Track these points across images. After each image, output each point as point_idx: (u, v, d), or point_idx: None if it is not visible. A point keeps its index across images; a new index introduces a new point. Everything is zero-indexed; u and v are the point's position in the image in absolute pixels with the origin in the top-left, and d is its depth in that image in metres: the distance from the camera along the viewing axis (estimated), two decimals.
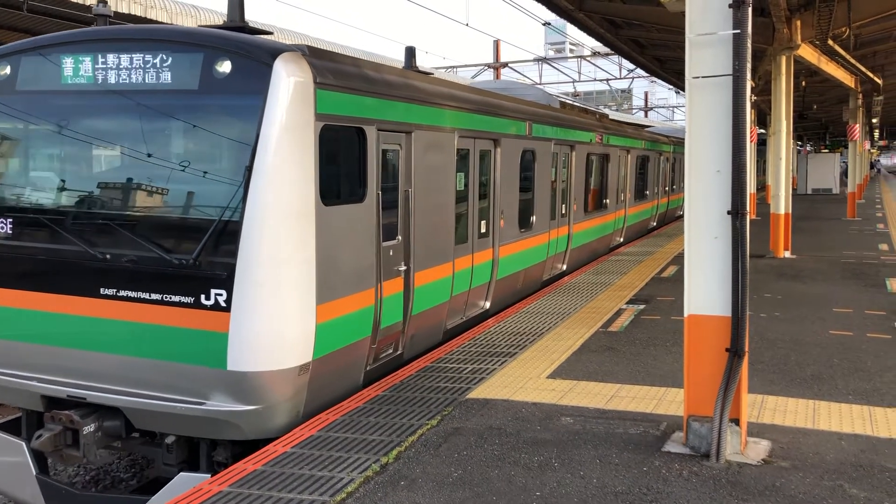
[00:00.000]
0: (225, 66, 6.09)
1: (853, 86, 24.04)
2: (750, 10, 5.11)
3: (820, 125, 42.58)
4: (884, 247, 16.79)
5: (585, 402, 6.48)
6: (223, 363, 5.92)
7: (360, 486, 4.92)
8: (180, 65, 6.20)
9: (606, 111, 32.00)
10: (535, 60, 37.48)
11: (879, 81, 25.00)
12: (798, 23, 14.85)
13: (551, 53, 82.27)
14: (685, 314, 5.45)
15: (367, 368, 7.30)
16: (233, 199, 5.98)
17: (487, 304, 10.46)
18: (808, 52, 16.88)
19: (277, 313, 6.02)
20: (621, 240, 18.42)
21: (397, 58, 20.66)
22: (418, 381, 7.22)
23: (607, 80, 40.88)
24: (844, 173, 41.66)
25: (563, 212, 13.63)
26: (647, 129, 25.95)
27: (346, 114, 6.68)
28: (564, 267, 13.85)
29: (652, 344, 8.45)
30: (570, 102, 17.09)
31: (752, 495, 4.70)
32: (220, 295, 5.95)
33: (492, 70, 35.01)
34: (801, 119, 30.57)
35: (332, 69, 6.57)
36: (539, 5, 14.44)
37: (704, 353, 5.36)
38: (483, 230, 10.06)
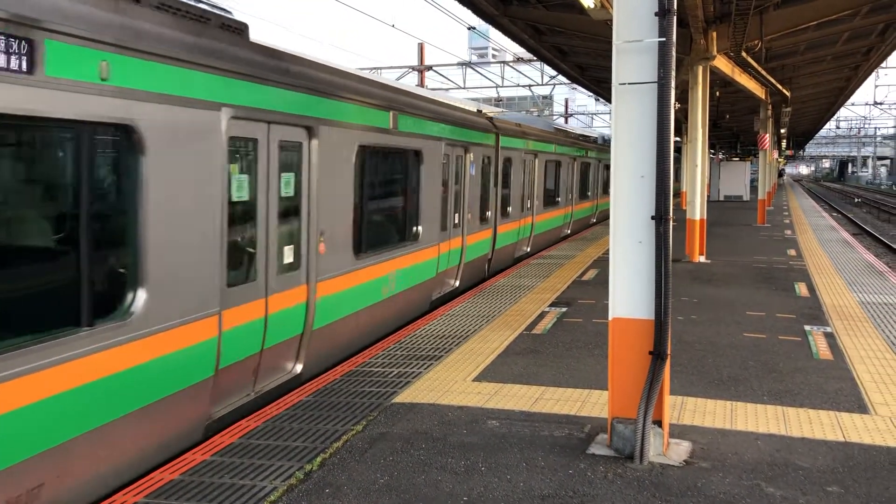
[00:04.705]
0: None
1: (764, 97, 25.00)
2: (675, 19, 5.21)
3: (732, 134, 44.18)
4: (792, 252, 17.48)
5: (511, 405, 6.49)
6: None
7: (284, 495, 4.79)
8: None
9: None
10: (458, 64, 37.67)
11: (787, 93, 26.09)
12: (714, 34, 15.34)
13: (475, 58, 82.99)
14: (610, 317, 5.52)
15: None
16: None
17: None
18: (722, 63, 17.47)
19: None
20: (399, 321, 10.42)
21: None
22: (343, 385, 7.10)
23: (530, 86, 41.39)
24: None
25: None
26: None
27: None
28: (299, 363, 7.58)
29: (575, 346, 8.55)
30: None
31: (675, 496, 4.78)
32: None
33: (416, 73, 35.00)
34: (714, 128, 31.63)
35: None
36: (464, 9, 14.47)
37: (628, 356, 5.44)
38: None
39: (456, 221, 12.46)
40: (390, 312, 9.81)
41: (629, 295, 5.43)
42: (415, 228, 10.67)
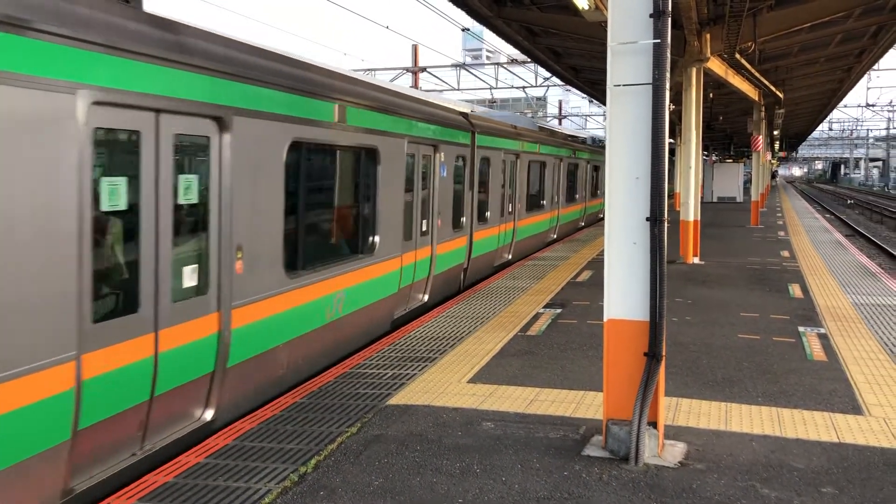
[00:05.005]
0: None
1: (757, 99, 25.06)
2: (670, 20, 5.21)
3: (725, 136, 44.30)
4: (785, 253, 17.52)
5: (506, 407, 6.49)
6: None
7: (278, 497, 4.77)
8: None
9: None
10: (452, 66, 37.69)
11: (781, 95, 26.16)
12: (708, 36, 15.38)
13: (469, 59, 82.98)
14: (605, 318, 5.52)
15: None
16: None
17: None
18: (716, 65, 17.51)
19: None
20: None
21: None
22: (337, 387, 7.08)
23: (523, 87, 41.44)
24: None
25: None
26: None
27: None
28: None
29: (569, 347, 8.55)
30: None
31: (670, 497, 4.77)
32: None
33: (410, 74, 35.01)
34: (707, 129, 31.72)
35: None
36: (458, 11, 14.48)
37: (623, 357, 5.43)
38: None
39: (424, 229, 11.22)
40: (338, 337, 8.44)
41: (624, 296, 5.43)
42: (370, 239, 9.30)
